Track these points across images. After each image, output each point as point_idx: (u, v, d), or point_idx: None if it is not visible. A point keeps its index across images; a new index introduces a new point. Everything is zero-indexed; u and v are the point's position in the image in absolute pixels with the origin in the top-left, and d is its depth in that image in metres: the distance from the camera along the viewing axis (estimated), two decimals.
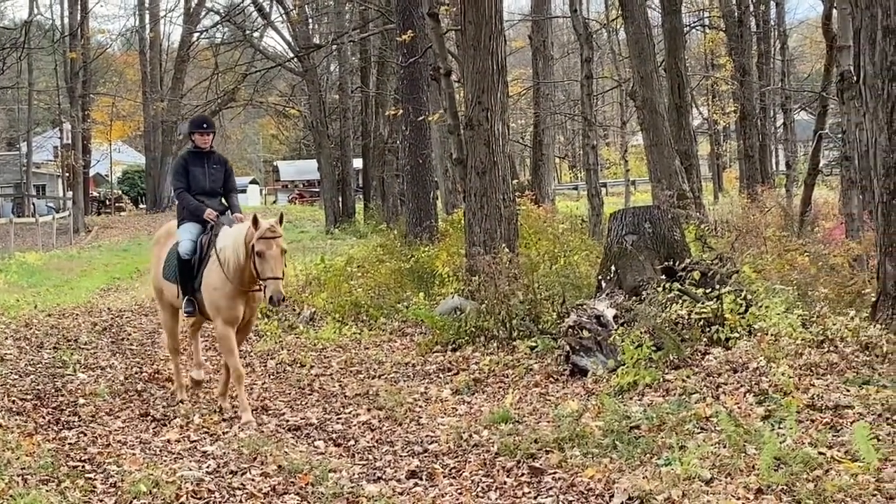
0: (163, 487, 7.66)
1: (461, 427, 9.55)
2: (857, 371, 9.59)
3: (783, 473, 7.25)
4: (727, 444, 8.03)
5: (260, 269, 9.53)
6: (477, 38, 15.55)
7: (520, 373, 11.61)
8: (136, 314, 18.21)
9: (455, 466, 8.33)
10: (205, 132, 10.92)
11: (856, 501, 6.72)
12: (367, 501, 7.31)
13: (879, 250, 11.43)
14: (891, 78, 10.99)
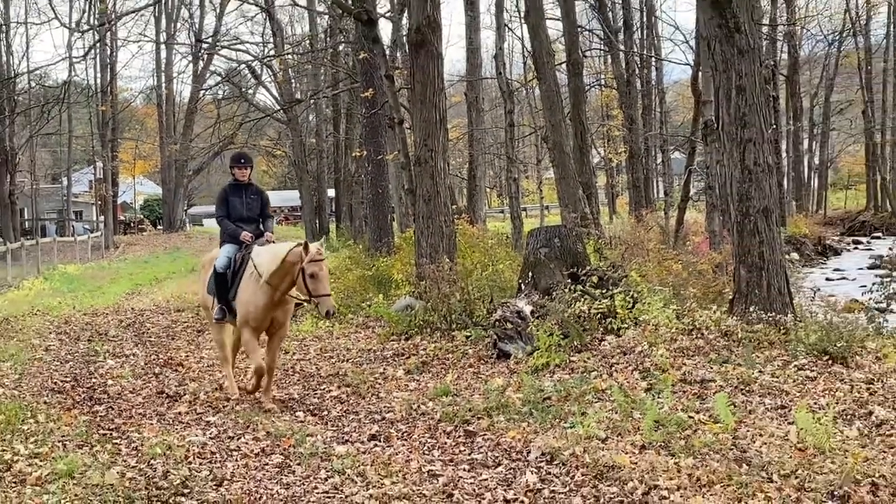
0: (174, 450, 7.65)
1: (411, 399, 9.60)
2: (718, 353, 9.70)
3: (661, 433, 7.34)
4: (618, 410, 8.14)
5: (312, 287, 8.95)
6: (423, 95, 15.59)
7: (457, 357, 11.66)
8: (154, 313, 18.09)
9: (406, 430, 8.37)
10: (242, 167, 10.32)
11: (717, 454, 6.80)
12: (336, 459, 7.31)
13: (735, 259, 11.55)
14: (742, 126, 11.15)
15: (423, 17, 15.43)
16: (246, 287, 9.47)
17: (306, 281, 8.94)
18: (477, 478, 6.75)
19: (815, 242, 39.18)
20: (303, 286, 9.04)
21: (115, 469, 7.06)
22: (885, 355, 9.48)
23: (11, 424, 8.57)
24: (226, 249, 9.87)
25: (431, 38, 15.51)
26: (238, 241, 9.81)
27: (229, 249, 9.86)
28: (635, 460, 6.77)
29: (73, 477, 6.78)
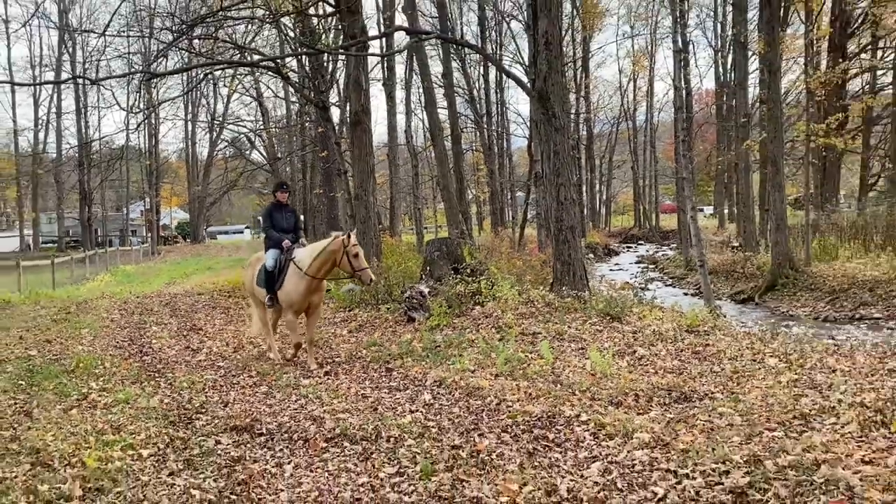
0: (196, 384, 7.49)
1: (352, 349, 9.51)
2: (543, 316, 9.82)
3: (508, 366, 7.41)
4: (482, 353, 8.17)
5: (356, 264, 8.22)
6: (359, 155, 15.53)
7: (382, 321, 11.59)
8: (184, 296, 17.55)
9: (348, 368, 8.27)
10: (285, 191, 9.42)
11: (542, 378, 6.90)
12: (303, 388, 7.23)
13: (553, 258, 11.75)
14: (557, 175, 11.34)
15: (358, 106, 15.36)
16: (289, 280, 8.67)
17: (350, 261, 8.24)
18: (393, 397, 6.74)
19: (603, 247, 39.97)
20: (347, 265, 8.30)
21: (156, 397, 6.88)
22: (643, 316, 9.75)
23: (88, 369, 8.32)
24: (272, 253, 8.98)
25: (364, 120, 15.45)
26: (280, 246, 8.93)
27: (275, 253, 8.97)
28: (492, 384, 6.83)
29: (129, 403, 6.61)
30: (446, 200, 27.76)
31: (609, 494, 4.06)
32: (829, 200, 26.91)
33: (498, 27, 41.30)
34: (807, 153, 21.83)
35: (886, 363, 6.48)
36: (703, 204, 56.63)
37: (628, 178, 60.65)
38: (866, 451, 4.32)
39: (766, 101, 19.27)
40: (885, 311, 13.60)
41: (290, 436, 5.69)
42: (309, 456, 5.20)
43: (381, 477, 4.65)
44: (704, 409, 5.52)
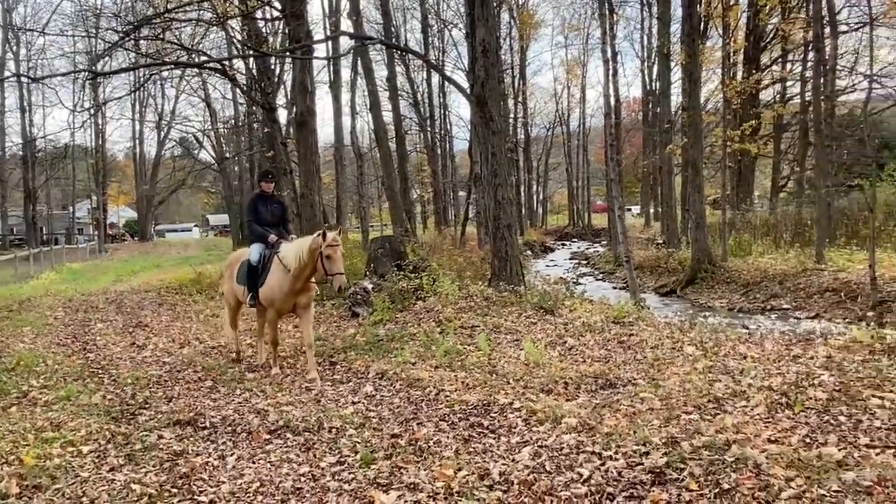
0: (140, 380, 7.28)
1: (297, 343, 9.35)
2: (481, 310, 9.89)
3: (447, 358, 7.44)
4: (422, 346, 8.18)
5: (328, 267, 7.12)
6: (305, 155, 15.32)
7: (327, 316, 11.49)
8: (130, 293, 17.03)
9: (293, 362, 8.18)
10: (269, 181, 8.41)
11: (479, 369, 6.93)
12: (247, 382, 7.11)
13: (492, 254, 11.85)
14: (495, 176, 11.43)
15: (304, 107, 15.16)
16: (273, 276, 7.67)
17: (323, 262, 7.15)
18: (336, 389, 6.69)
19: (540, 245, 40.45)
20: (320, 267, 7.22)
21: (99, 394, 6.67)
22: (574, 308, 9.90)
23: (29, 367, 7.99)
24: (256, 248, 8.04)
25: (309, 121, 15.25)
26: (265, 241, 8.01)
27: (260, 247, 8.03)
28: (432, 375, 6.84)
29: (70, 400, 6.39)
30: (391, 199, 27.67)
31: (538, 476, 4.11)
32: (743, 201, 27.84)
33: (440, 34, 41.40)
34: (724, 157, 22.53)
35: (791, 350, 6.73)
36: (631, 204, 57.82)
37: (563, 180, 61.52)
38: (772, 431, 4.48)
39: (687, 108, 19.80)
40: (793, 303, 14.14)
41: (233, 429, 5.58)
42: (252, 448, 5.11)
43: (323, 466, 4.60)
44: (628, 395, 5.64)
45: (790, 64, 30.28)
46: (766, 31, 29.61)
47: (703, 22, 27.02)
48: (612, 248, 27.08)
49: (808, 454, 4.03)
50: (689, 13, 18.68)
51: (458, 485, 4.07)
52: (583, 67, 49.23)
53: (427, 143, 40.50)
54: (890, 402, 4.84)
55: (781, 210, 24.86)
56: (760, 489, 3.67)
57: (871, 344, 6.69)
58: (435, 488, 4.06)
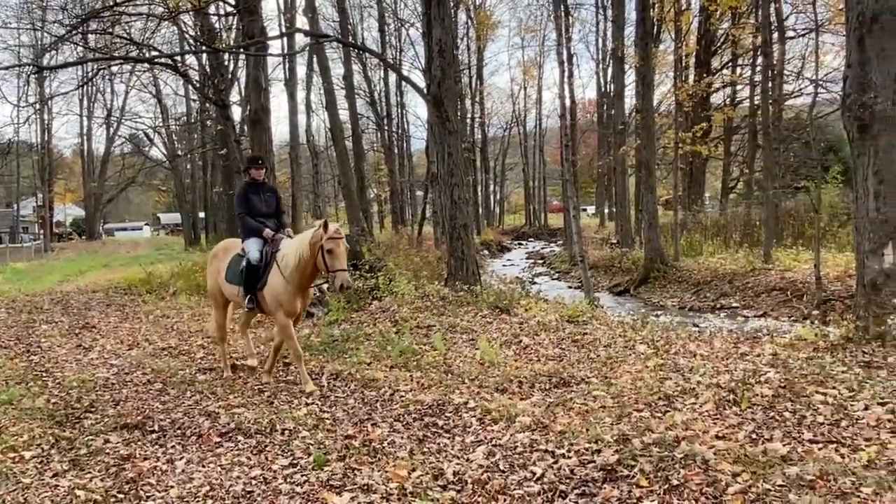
0: (86, 383, 7.04)
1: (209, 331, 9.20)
2: (437, 309, 9.89)
3: (403, 358, 7.41)
4: (378, 346, 8.13)
5: (329, 263, 6.30)
6: (259, 153, 15.08)
7: None
8: (77, 293, 16.51)
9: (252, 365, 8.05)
10: (259, 167, 7.39)
11: (435, 369, 6.93)
12: (198, 384, 6.97)
13: (448, 254, 11.86)
14: (451, 176, 11.44)
15: (258, 105, 14.95)
16: (275, 277, 6.77)
17: (324, 256, 6.34)
18: (290, 391, 6.60)
19: (497, 244, 40.63)
20: (321, 262, 6.39)
21: (42, 397, 6.45)
22: (529, 308, 9.98)
23: None
24: (254, 244, 7.02)
25: (264, 119, 15.05)
26: (261, 236, 7.05)
27: (257, 244, 7.02)
28: (387, 375, 6.81)
29: (12, 403, 6.15)
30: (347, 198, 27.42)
31: (492, 475, 4.12)
32: (695, 202, 28.46)
33: (397, 33, 41.28)
34: (676, 159, 22.97)
35: (739, 348, 6.91)
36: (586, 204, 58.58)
37: (520, 180, 61.94)
38: (720, 428, 4.58)
39: (640, 110, 20.14)
40: (742, 301, 14.50)
41: (182, 432, 5.47)
42: (202, 451, 5.01)
43: (275, 469, 4.54)
44: (581, 393, 5.70)
45: (740, 68, 31.07)
46: (716, 36, 30.34)
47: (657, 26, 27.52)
48: (568, 248, 27.38)
49: (754, 450, 4.13)
50: (643, 17, 18.99)
51: (412, 485, 4.06)
52: (539, 69, 49.58)
53: (384, 143, 40.39)
54: (832, 398, 4.99)
55: (731, 211, 25.48)
56: (708, 485, 3.74)
57: (815, 342, 6.90)
58: (388, 489, 4.04)
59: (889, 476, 3.68)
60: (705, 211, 27.70)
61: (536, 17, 46.20)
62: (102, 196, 55.90)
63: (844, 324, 7.25)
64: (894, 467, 3.81)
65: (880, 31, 6.91)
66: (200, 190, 44.50)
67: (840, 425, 4.49)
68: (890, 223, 6.89)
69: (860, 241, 7.21)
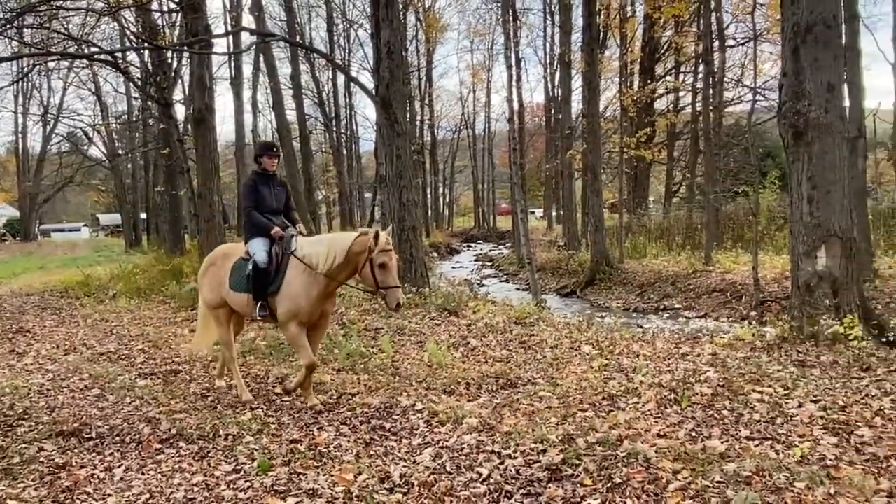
0: (20, 389, 6.74)
1: (193, 349, 8.96)
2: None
3: (350, 360, 7.36)
4: (325, 348, 7.99)
5: (381, 278, 5.51)
6: (203, 153, 14.78)
7: None
8: (10, 296, 15.87)
9: (188, 368, 7.84)
10: (273, 155, 6.45)
11: (382, 371, 6.90)
12: (139, 389, 6.77)
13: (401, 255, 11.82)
14: (400, 178, 11.42)
15: (202, 104, 14.63)
16: (295, 281, 5.84)
17: (374, 271, 5.53)
18: (233, 396, 6.48)
19: (446, 246, 40.69)
20: (370, 277, 5.58)
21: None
22: (477, 310, 10.04)
23: None
24: (260, 244, 6.08)
25: (208, 118, 14.74)
26: (269, 234, 6.10)
27: (264, 244, 6.08)
28: (334, 378, 6.77)
29: None
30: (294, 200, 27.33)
31: (438, 477, 4.13)
32: (639, 205, 29.06)
33: (346, 34, 41.02)
34: (621, 163, 23.44)
35: (680, 348, 7.08)
36: (535, 207, 59.18)
37: (469, 182, 62.19)
38: (661, 426, 4.69)
39: (586, 115, 20.46)
40: (684, 303, 14.86)
41: (122, 439, 5.31)
42: (142, 458, 4.87)
43: (217, 475, 4.45)
44: (527, 394, 5.76)
45: (683, 75, 31.89)
46: (660, 44, 31.05)
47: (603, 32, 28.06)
48: (516, 250, 27.62)
49: (694, 447, 4.24)
50: (589, 23, 19.32)
51: (358, 489, 4.04)
52: (488, 72, 49.88)
53: (332, 144, 40.08)
54: (768, 396, 5.16)
55: (674, 214, 26.11)
56: (649, 482, 3.82)
57: (752, 342, 7.12)
58: (334, 493, 4.00)
59: (821, 471, 3.82)
60: (649, 214, 28.31)
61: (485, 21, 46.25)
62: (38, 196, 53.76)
63: (780, 324, 7.51)
64: (826, 463, 3.97)
65: (814, 41, 7.19)
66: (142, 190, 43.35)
67: (775, 423, 4.65)
68: (822, 227, 7.17)
69: (795, 245, 7.48)
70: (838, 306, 7.03)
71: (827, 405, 4.86)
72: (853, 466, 3.89)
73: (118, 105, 44.27)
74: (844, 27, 10.85)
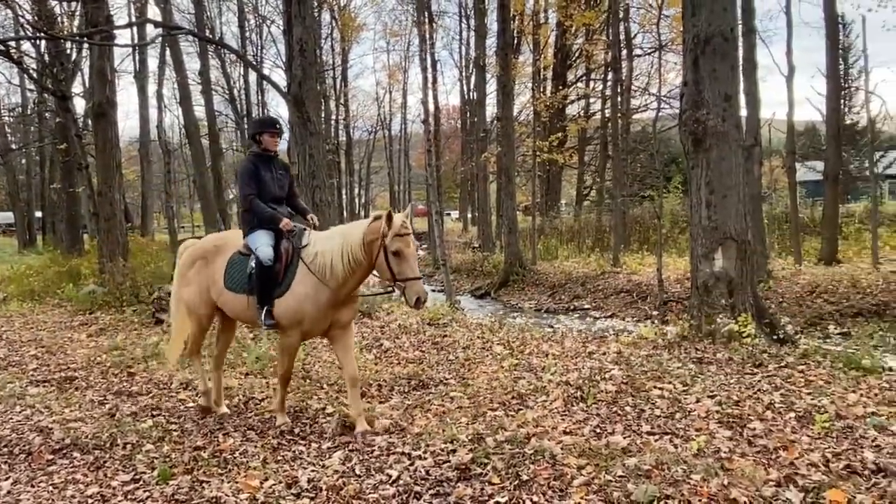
0: None
1: (91, 354, 8.48)
2: None
3: (259, 365, 7.20)
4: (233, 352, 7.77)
5: (398, 269, 4.57)
6: (104, 149, 14.09)
7: (126, 324, 10.57)
8: None
9: (86, 375, 7.43)
10: (274, 132, 5.36)
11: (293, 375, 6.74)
12: (30, 398, 6.37)
13: None
14: (313, 178, 11.22)
15: (103, 97, 13.95)
16: (303, 283, 4.89)
17: (389, 260, 4.59)
18: (136, 404, 6.20)
19: None
20: (384, 267, 4.64)
21: None
22: (391, 311, 10.02)
23: None
24: (265, 238, 5.09)
25: (109, 112, 14.07)
26: (276, 227, 5.11)
27: (269, 238, 5.10)
28: (241, 383, 6.61)
29: None
30: (203, 199, 26.39)
31: (347, 481, 4.08)
32: (552, 208, 29.76)
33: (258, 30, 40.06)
34: (534, 166, 23.95)
35: (587, 347, 7.29)
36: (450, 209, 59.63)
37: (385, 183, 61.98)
38: (568, 424, 4.81)
39: (501, 118, 20.79)
40: (593, 303, 15.32)
41: (10, 450, 4.99)
42: (31, 470, 4.60)
43: (114, 485, 4.25)
44: (439, 395, 5.79)
45: (593, 82, 32.88)
46: (572, 51, 31.91)
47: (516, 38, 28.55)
48: (431, 252, 27.74)
49: (598, 443, 4.38)
50: (503, 28, 19.64)
51: (264, 495, 3.95)
52: (404, 73, 49.80)
53: (244, 142, 39.05)
54: (668, 392, 5.39)
55: (584, 217, 26.89)
56: (555, 478, 3.91)
57: (654, 340, 7.42)
58: (239, 500, 3.90)
59: (715, 463, 4.01)
60: (561, 217, 29.03)
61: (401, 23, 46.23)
62: None
63: (681, 323, 7.86)
64: (720, 455, 4.17)
65: (712, 53, 7.56)
66: (37, 187, 41.02)
67: (674, 418, 4.85)
68: (719, 230, 7.54)
69: (694, 247, 7.84)
70: (734, 306, 7.41)
71: (722, 400, 5.11)
72: (745, 458, 4.10)
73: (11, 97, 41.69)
74: (742, 40, 11.47)
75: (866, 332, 8.54)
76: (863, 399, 5.09)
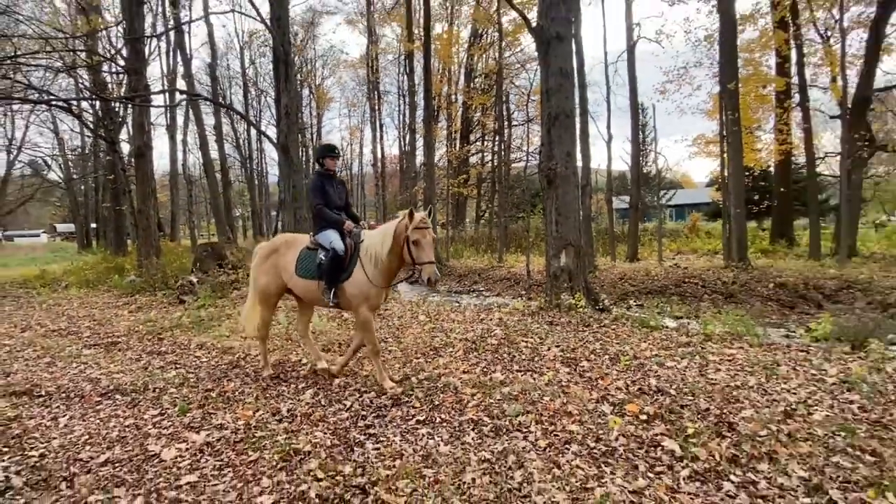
0: None
1: (131, 325, 7.91)
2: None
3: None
4: (236, 323, 7.47)
5: (416, 255, 4.12)
6: (142, 180, 13.14)
7: (158, 303, 9.95)
8: None
9: (127, 339, 6.93)
10: (335, 157, 4.85)
11: (279, 338, 6.51)
12: (84, 357, 5.92)
13: None
14: (293, 201, 10.87)
15: (141, 142, 13.06)
16: (362, 269, 4.44)
17: (410, 248, 4.17)
18: (163, 360, 5.84)
19: None
20: (407, 254, 4.21)
21: None
22: None
23: None
24: (335, 235, 4.60)
25: (146, 153, 13.19)
26: (341, 227, 4.65)
27: (338, 235, 4.61)
28: (241, 344, 6.32)
29: None
30: (216, 216, 25.11)
31: (315, 409, 3.99)
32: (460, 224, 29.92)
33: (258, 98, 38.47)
34: (448, 196, 24.01)
35: (480, 315, 7.37)
36: None
37: None
38: (465, 366, 4.85)
39: (426, 164, 20.75)
40: (486, 286, 15.45)
41: (67, 395, 4.62)
42: (83, 409, 4.27)
43: (146, 418, 4.00)
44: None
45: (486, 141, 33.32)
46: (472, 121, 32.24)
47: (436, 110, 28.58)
48: None
49: (485, 379, 4.44)
50: (427, 104, 19.63)
51: (256, 421, 3.81)
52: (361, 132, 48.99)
53: (247, 176, 37.40)
54: (531, 343, 5.52)
55: (481, 230, 27.18)
56: (456, 402, 3.95)
57: (523, 310, 7.58)
58: (236, 426, 3.75)
59: (559, 389, 4.15)
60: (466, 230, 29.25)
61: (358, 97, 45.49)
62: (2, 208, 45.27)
63: (539, 299, 8.06)
64: (562, 384, 4.31)
65: (559, 125, 7.80)
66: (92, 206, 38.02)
67: (534, 360, 4.99)
68: (563, 239, 7.79)
69: (548, 250, 8.06)
70: (573, 288, 7.67)
71: (564, 348, 5.29)
72: (577, 385, 4.27)
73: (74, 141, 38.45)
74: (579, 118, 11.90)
75: (654, 304, 9.02)
76: (650, 346, 5.38)
